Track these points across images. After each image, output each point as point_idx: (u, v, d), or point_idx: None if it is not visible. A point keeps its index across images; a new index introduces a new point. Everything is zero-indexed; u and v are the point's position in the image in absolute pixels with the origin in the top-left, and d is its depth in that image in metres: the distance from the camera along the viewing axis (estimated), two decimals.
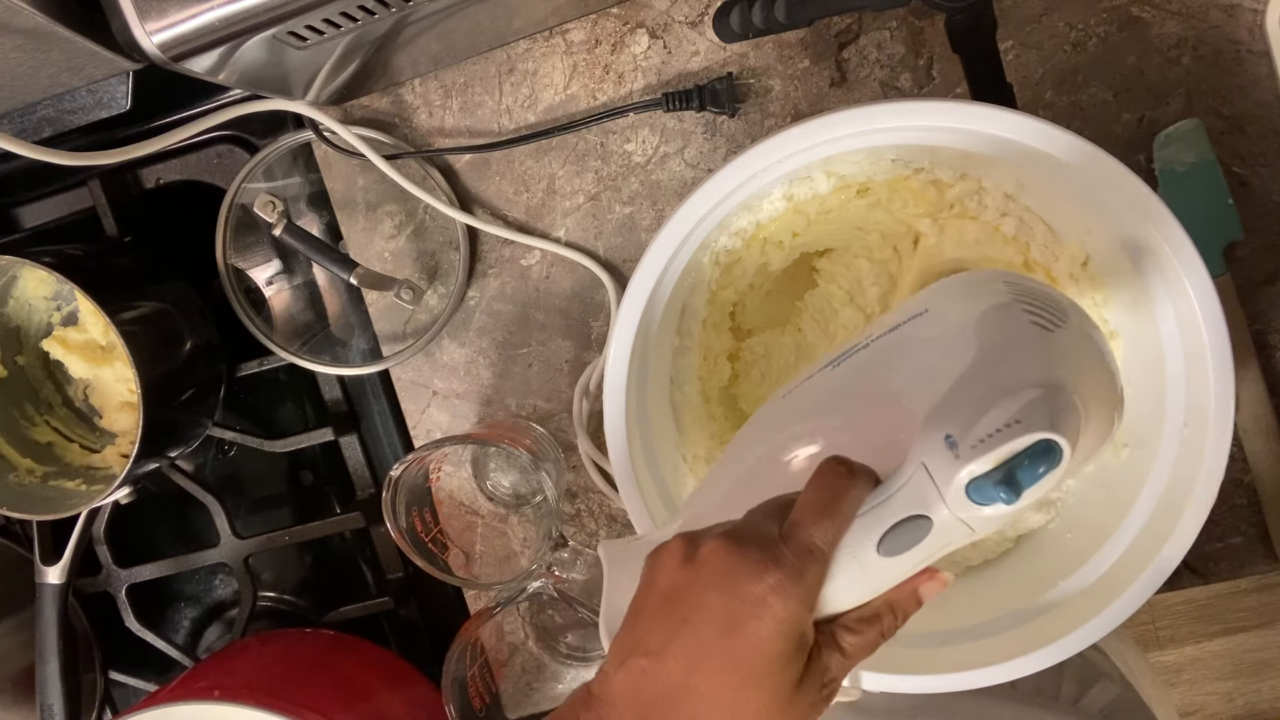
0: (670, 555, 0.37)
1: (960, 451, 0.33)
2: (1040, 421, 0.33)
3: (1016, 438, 0.33)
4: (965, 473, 0.33)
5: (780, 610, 0.34)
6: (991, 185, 0.52)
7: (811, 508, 0.36)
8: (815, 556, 0.35)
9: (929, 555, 0.36)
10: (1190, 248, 0.44)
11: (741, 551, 0.35)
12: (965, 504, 0.34)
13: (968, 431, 0.34)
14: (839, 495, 0.36)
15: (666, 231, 0.48)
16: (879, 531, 0.35)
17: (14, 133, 0.65)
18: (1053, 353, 0.36)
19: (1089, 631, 0.47)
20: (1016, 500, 0.33)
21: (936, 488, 0.34)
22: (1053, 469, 0.33)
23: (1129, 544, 0.49)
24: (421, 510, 0.62)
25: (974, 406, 0.34)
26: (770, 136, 0.46)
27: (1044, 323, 0.37)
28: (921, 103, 0.46)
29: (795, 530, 0.36)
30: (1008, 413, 0.33)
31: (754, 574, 0.34)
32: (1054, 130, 0.44)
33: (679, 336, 0.55)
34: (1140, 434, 0.50)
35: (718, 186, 0.48)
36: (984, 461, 0.33)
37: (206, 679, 0.65)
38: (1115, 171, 0.44)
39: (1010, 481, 0.33)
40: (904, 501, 0.35)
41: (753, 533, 0.37)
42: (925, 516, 0.35)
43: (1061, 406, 0.34)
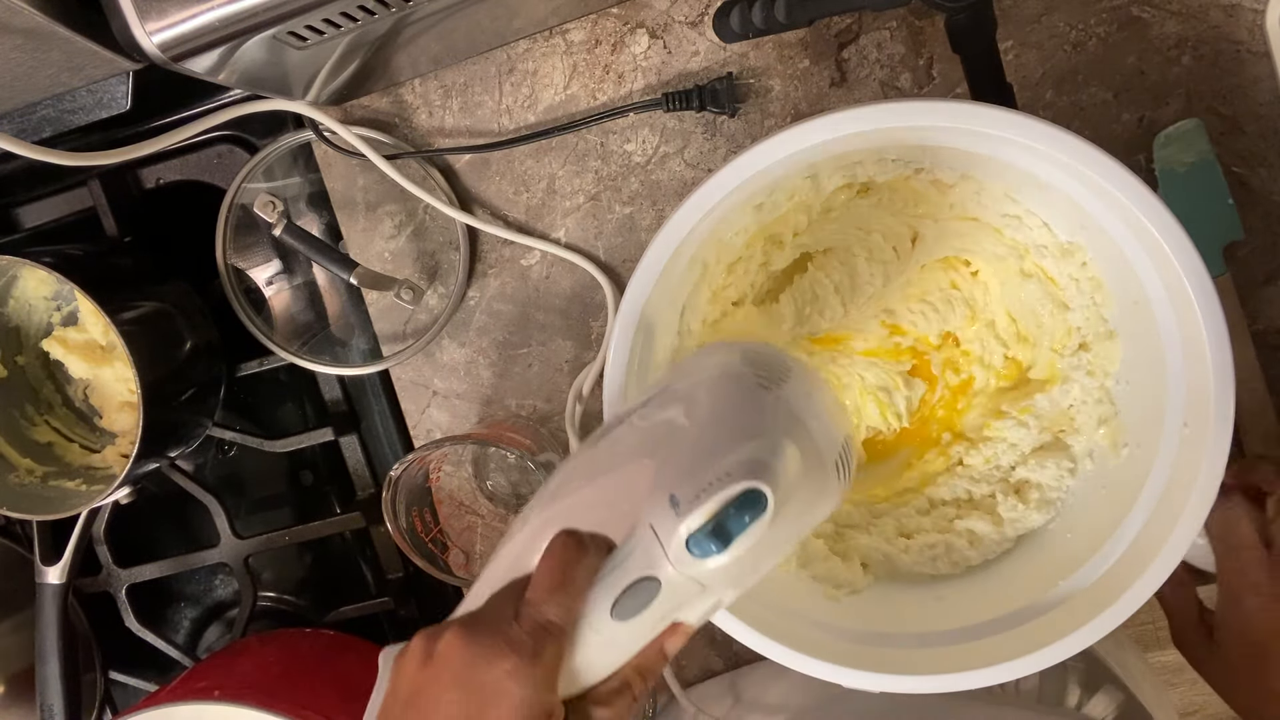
0: (411, 656, 0.36)
1: (680, 508, 0.34)
2: (744, 471, 0.34)
3: (724, 487, 0.34)
4: (684, 528, 0.34)
5: (517, 695, 0.33)
6: (991, 185, 0.52)
7: (543, 585, 0.36)
8: (550, 633, 0.35)
9: (664, 616, 0.36)
10: (1190, 248, 0.44)
11: (475, 640, 0.35)
12: (687, 559, 0.35)
13: (688, 487, 0.35)
14: (569, 567, 0.36)
15: (665, 232, 0.48)
16: (612, 597, 0.36)
17: (14, 133, 0.65)
18: (768, 408, 0.38)
19: (1089, 632, 0.47)
20: (726, 550, 0.34)
21: (662, 547, 0.35)
22: (758, 517, 0.34)
23: (1129, 544, 0.49)
24: (421, 510, 0.62)
25: (694, 465, 0.35)
26: (770, 136, 0.46)
27: (765, 382, 0.39)
28: (921, 103, 0.46)
29: (528, 609, 0.35)
30: (721, 466, 0.35)
31: (488, 661, 0.34)
32: (1054, 130, 0.44)
33: (679, 337, 0.55)
34: (1140, 434, 0.51)
35: (717, 186, 0.48)
36: (699, 515, 0.34)
37: (206, 679, 0.65)
38: (1114, 172, 0.44)
39: (720, 532, 0.34)
40: (635, 564, 0.36)
41: (487, 618, 0.36)
42: (653, 577, 0.35)
43: (769, 457, 0.35)
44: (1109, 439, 0.53)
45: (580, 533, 0.37)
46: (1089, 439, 0.54)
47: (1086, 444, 0.54)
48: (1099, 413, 0.53)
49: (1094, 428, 0.54)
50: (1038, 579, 0.52)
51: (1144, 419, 0.50)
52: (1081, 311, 0.53)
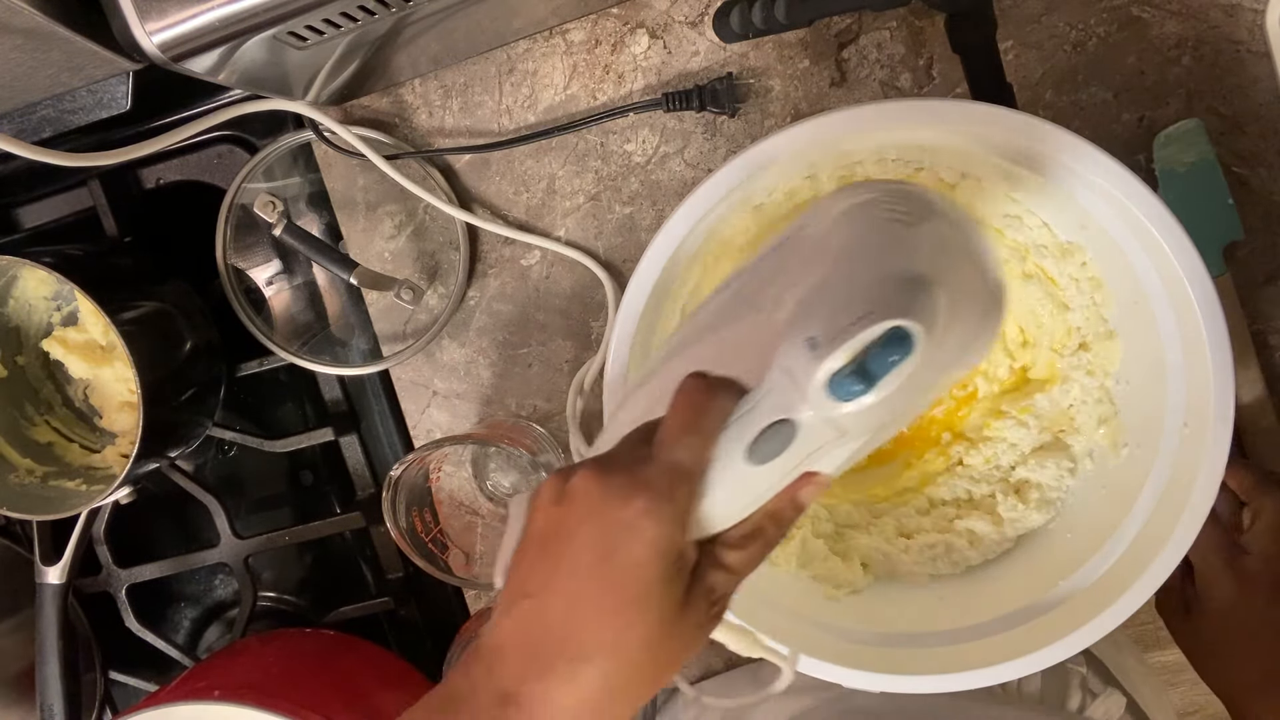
0: (543, 496, 0.36)
1: (819, 350, 0.33)
2: (890, 309, 0.33)
3: (868, 326, 0.33)
4: (823, 369, 0.33)
5: (651, 532, 0.34)
6: (991, 185, 0.52)
7: (675, 426, 0.36)
8: (682, 473, 0.35)
9: (799, 459, 0.35)
10: (1190, 248, 0.44)
11: (608, 479, 0.35)
12: (826, 401, 0.33)
13: (827, 329, 0.33)
14: (701, 410, 0.35)
15: (666, 231, 0.48)
16: (746, 440, 0.35)
17: (14, 133, 0.65)
18: (909, 246, 0.36)
19: (1089, 631, 0.47)
20: (871, 390, 0.33)
21: (799, 389, 0.34)
22: (906, 356, 0.33)
23: (1129, 544, 0.49)
24: (421, 510, 0.62)
25: (832, 304, 0.34)
26: (770, 136, 0.46)
27: (903, 218, 0.37)
28: (921, 102, 0.46)
29: (660, 450, 0.35)
30: (862, 305, 0.33)
31: (621, 499, 0.34)
32: (1053, 129, 0.44)
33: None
34: (1140, 434, 0.51)
35: (717, 187, 0.48)
36: (839, 355, 0.33)
37: (206, 679, 0.65)
38: (1114, 171, 0.44)
39: (864, 372, 0.33)
40: (769, 408, 0.35)
41: (620, 459, 0.36)
42: (789, 420, 0.34)
43: (913, 295, 0.33)
44: (1109, 439, 0.53)
45: (711, 374, 0.36)
46: (1089, 439, 0.54)
47: (1086, 444, 0.54)
48: (1099, 412, 0.53)
49: (1094, 427, 0.54)
50: (1038, 579, 0.52)
51: (1144, 419, 0.50)
52: (1081, 311, 0.53)
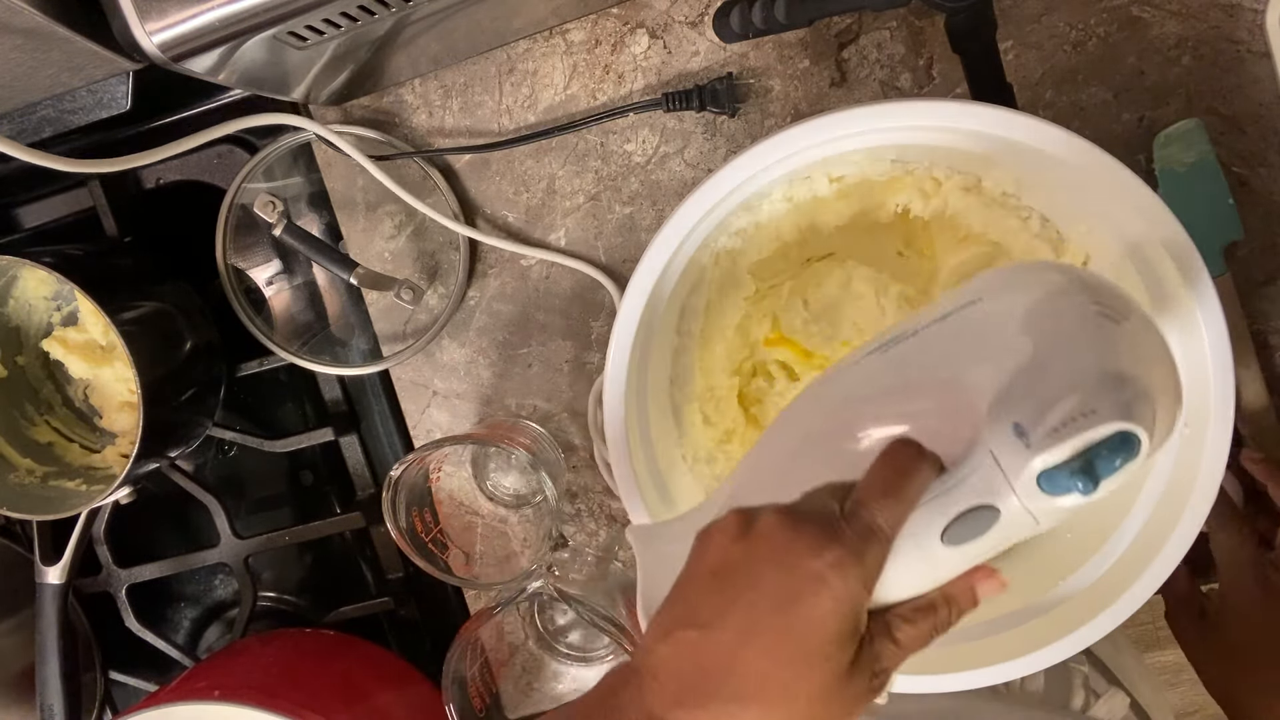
0: (723, 531, 0.36)
1: (1031, 441, 0.32)
2: (1117, 411, 0.32)
3: (1094, 427, 0.32)
4: (1039, 462, 0.32)
5: (839, 588, 0.33)
6: (991, 185, 0.52)
7: (876, 488, 0.35)
8: (878, 537, 0.34)
9: (992, 547, 0.35)
10: (1191, 248, 0.44)
11: (801, 527, 0.34)
12: (1036, 494, 0.33)
13: (1039, 421, 0.33)
14: (906, 477, 0.35)
15: (665, 232, 0.48)
16: (944, 519, 0.34)
17: (14, 133, 0.65)
18: (1122, 344, 0.35)
19: (1089, 631, 0.47)
20: (1094, 491, 0.32)
21: (1005, 477, 0.33)
22: (1130, 459, 0.32)
23: (1129, 544, 0.49)
24: (421, 510, 0.62)
25: (1044, 395, 0.33)
26: (770, 136, 0.46)
27: (1109, 314, 0.36)
28: (921, 103, 0.46)
29: (858, 509, 0.35)
30: (1082, 402, 0.32)
31: (813, 550, 0.33)
32: (1053, 129, 0.44)
33: (679, 336, 0.55)
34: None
35: (717, 187, 0.48)
36: (1058, 451, 0.32)
37: (206, 679, 0.65)
38: (1114, 170, 0.44)
39: (1089, 471, 0.32)
40: (972, 490, 0.34)
41: (812, 510, 0.35)
42: (993, 506, 0.34)
43: (1137, 397, 0.33)
44: None
45: (920, 444, 0.36)
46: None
47: None
48: None
49: None
50: (1036, 579, 0.52)
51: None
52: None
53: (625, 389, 0.50)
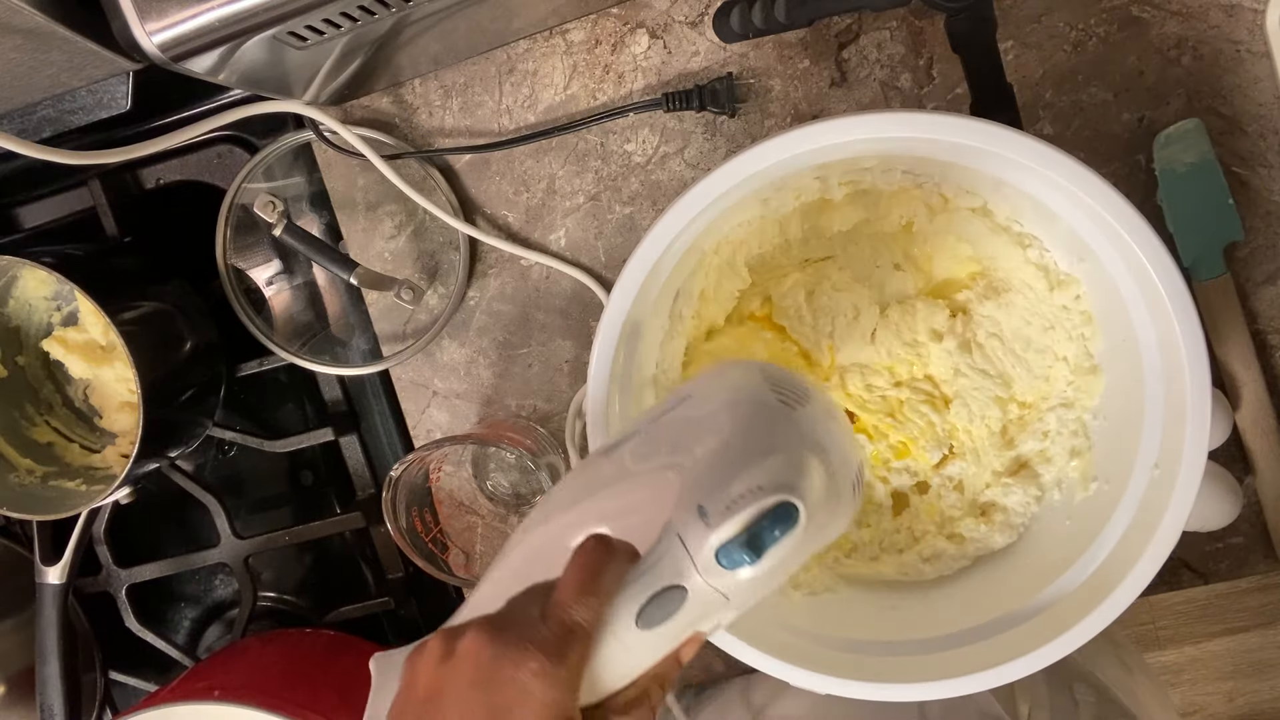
0: (428, 654, 0.36)
1: (710, 520, 0.35)
2: (779, 486, 0.35)
3: (758, 500, 0.35)
4: (714, 539, 0.35)
5: (544, 695, 0.33)
6: (995, 207, 0.52)
7: (571, 587, 0.35)
8: (577, 635, 0.34)
9: (686, 627, 0.36)
10: (1184, 289, 0.44)
11: (500, 639, 0.34)
12: (716, 570, 0.35)
13: (717, 501, 0.35)
14: (598, 571, 0.36)
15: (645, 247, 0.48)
16: (637, 605, 0.36)
17: (14, 132, 0.65)
18: (793, 427, 0.39)
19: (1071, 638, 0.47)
20: (758, 561, 0.35)
21: (689, 556, 0.35)
22: (790, 529, 0.35)
23: (1085, 579, 0.49)
24: (421, 510, 0.62)
25: (723, 476, 0.36)
26: (768, 139, 0.46)
27: (787, 400, 0.40)
28: (924, 115, 0.45)
29: (555, 610, 0.35)
30: (752, 480, 0.35)
31: (514, 660, 0.33)
32: (1053, 152, 0.44)
33: (670, 320, 0.55)
34: (1111, 470, 0.51)
35: (708, 190, 0.47)
36: (730, 526, 0.35)
37: (206, 679, 0.65)
38: (1112, 201, 0.44)
39: (753, 543, 0.35)
40: (661, 573, 0.36)
41: (512, 619, 0.36)
42: (680, 586, 0.35)
43: (799, 473, 0.36)
44: (1080, 471, 0.53)
45: (609, 537, 0.37)
46: (1060, 469, 0.54)
47: (1056, 474, 0.55)
48: (1073, 444, 0.54)
49: (1066, 459, 0.54)
50: (994, 598, 0.52)
51: (1117, 456, 0.50)
52: (1068, 344, 0.54)
53: (607, 406, 0.50)
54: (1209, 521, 0.56)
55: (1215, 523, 0.56)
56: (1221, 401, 0.56)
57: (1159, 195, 0.56)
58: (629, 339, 0.50)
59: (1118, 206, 0.44)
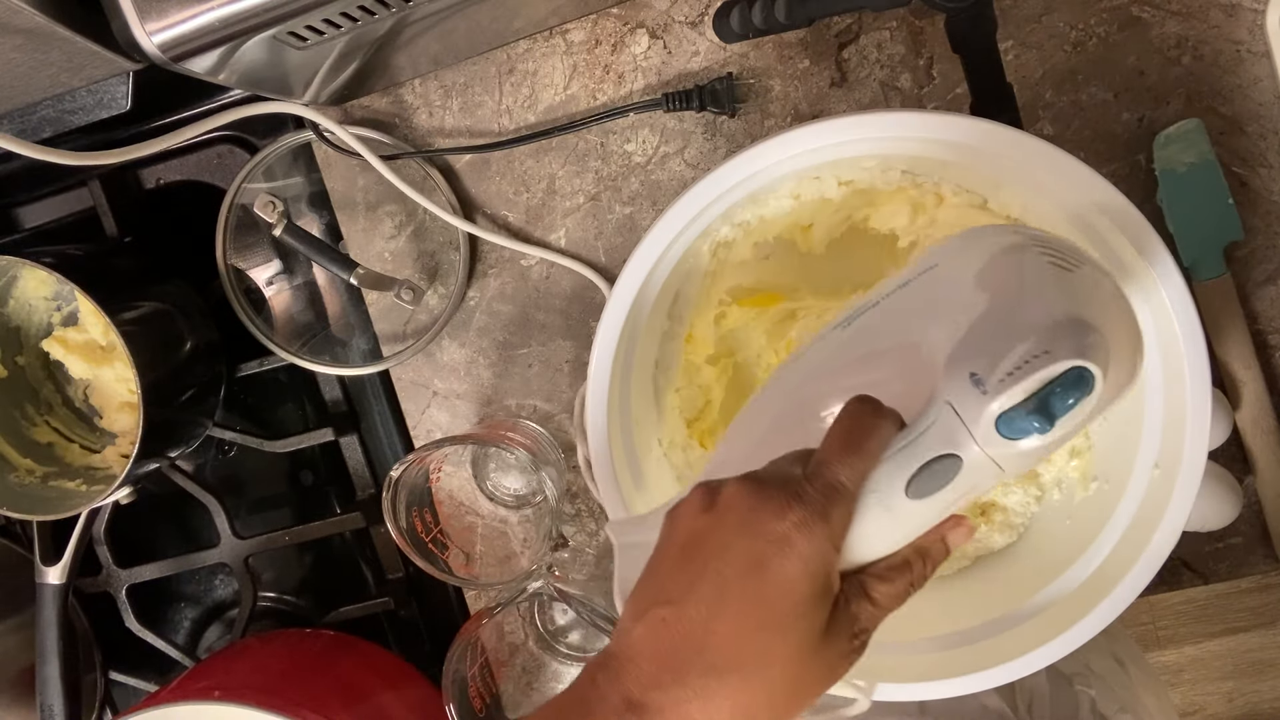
0: (689, 505, 0.36)
1: (988, 387, 0.33)
2: (1071, 350, 0.32)
3: (1046, 366, 0.32)
4: (996, 405, 0.32)
5: (805, 548, 0.33)
6: (998, 207, 0.52)
7: (836, 445, 0.35)
8: (841, 494, 0.34)
9: (958, 497, 0.35)
10: (1186, 293, 0.44)
11: (763, 491, 0.34)
12: (996, 439, 0.33)
13: (994, 367, 0.33)
14: (866, 433, 0.35)
15: (649, 240, 0.48)
16: (907, 473, 0.34)
17: (14, 133, 0.65)
18: (1075, 290, 0.35)
19: (1034, 659, 0.47)
20: (1050, 430, 0.32)
21: (965, 425, 0.33)
22: (1085, 397, 0.32)
23: (1084, 579, 0.49)
24: (421, 510, 0.62)
25: (999, 343, 0.34)
26: (766, 140, 0.46)
27: (1061, 263, 0.36)
28: (924, 115, 0.45)
29: (820, 468, 0.34)
30: (1035, 345, 0.33)
31: (777, 512, 0.33)
32: (1056, 153, 0.44)
33: (669, 321, 0.55)
34: (1111, 469, 0.51)
35: (705, 193, 0.48)
36: (1014, 394, 0.32)
37: (207, 679, 0.65)
38: (1113, 201, 0.44)
39: (1044, 410, 0.32)
40: (932, 441, 0.34)
41: (775, 474, 0.35)
42: (955, 455, 0.34)
43: (1088, 336, 0.33)
44: (1080, 471, 0.53)
45: (876, 400, 0.36)
46: (1059, 469, 0.54)
47: (1056, 474, 0.55)
48: (1072, 444, 0.54)
49: (1066, 459, 0.54)
50: (994, 598, 0.52)
51: (1117, 456, 0.50)
52: None
53: (609, 380, 0.50)
54: (1209, 521, 0.56)
55: (1215, 523, 0.56)
56: (1221, 401, 0.56)
57: (1159, 195, 0.56)
58: (629, 336, 0.50)
59: (1119, 206, 0.44)
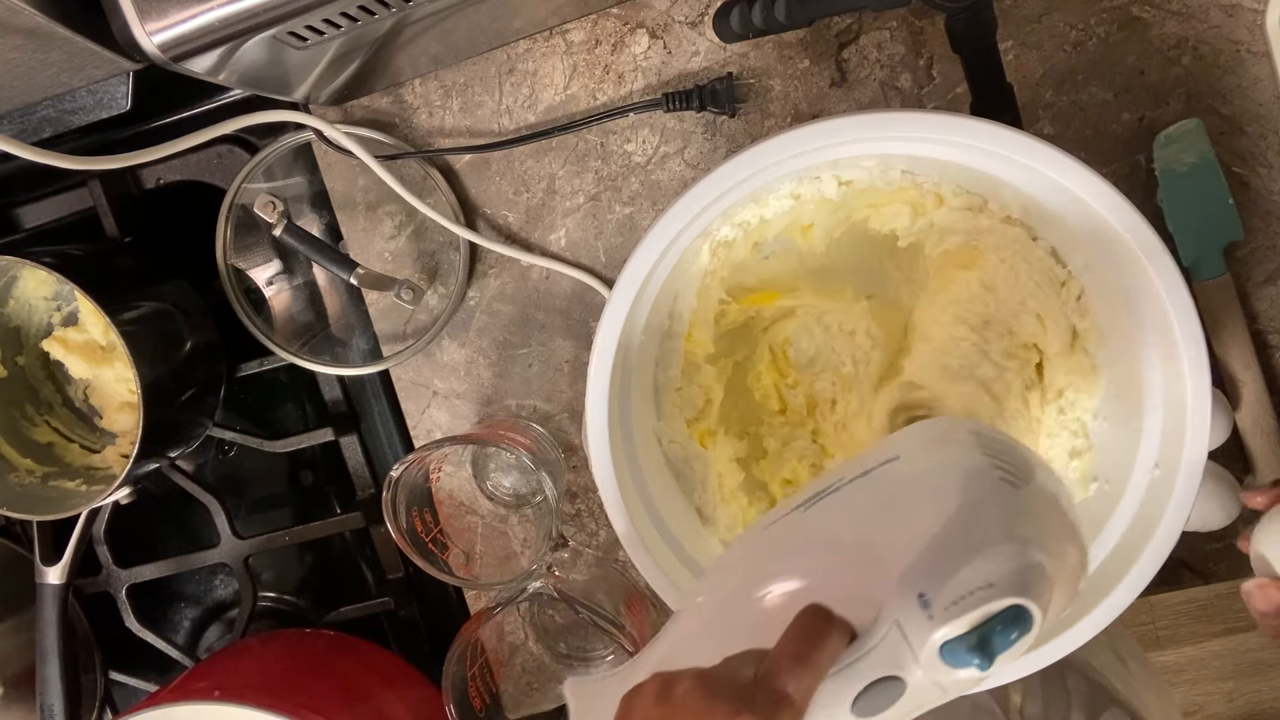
0: (645, 695, 0.36)
1: (933, 612, 0.33)
2: (1013, 586, 0.33)
3: (990, 601, 0.33)
4: (940, 635, 0.33)
5: None
6: (997, 208, 0.52)
7: (787, 655, 0.35)
8: (789, 706, 0.34)
9: (902, 717, 0.35)
10: (1186, 294, 0.44)
11: (716, 693, 0.35)
12: (939, 666, 0.33)
13: (940, 591, 0.33)
14: (816, 646, 0.35)
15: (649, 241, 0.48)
16: (853, 691, 0.35)
17: (14, 133, 0.65)
18: (1021, 511, 0.36)
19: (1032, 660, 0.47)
20: (989, 666, 0.33)
21: (911, 648, 0.34)
22: (1024, 634, 0.33)
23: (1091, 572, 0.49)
24: (421, 510, 0.62)
25: (947, 565, 0.34)
26: (764, 141, 0.46)
27: (1011, 479, 0.37)
28: (924, 115, 0.45)
29: (769, 678, 0.35)
30: (981, 574, 0.33)
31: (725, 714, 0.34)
32: (1062, 156, 0.44)
33: (669, 320, 0.55)
34: (1111, 471, 0.51)
35: (707, 190, 0.47)
36: (958, 624, 0.33)
37: (207, 679, 0.65)
38: (1117, 205, 0.44)
39: (984, 646, 0.33)
40: (878, 661, 0.34)
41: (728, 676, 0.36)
42: (899, 678, 0.34)
43: (1032, 569, 0.34)
44: (1079, 472, 0.53)
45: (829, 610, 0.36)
46: (1059, 470, 0.54)
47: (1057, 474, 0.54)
48: (1073, 445, 0.54)
49: (1066, 459, 0.54)
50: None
51: (1116, 457, 0.50)
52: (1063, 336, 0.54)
53: (609, 414, 0.50)
54: (1209, 521, 0.56)
55: (1215, 523, 0.56)
56: (1221, 401, 0.56)
57: (1159, 195, 0.56)
58: (629, 336, 0.50)
59: (1118, 206, 0.44)
